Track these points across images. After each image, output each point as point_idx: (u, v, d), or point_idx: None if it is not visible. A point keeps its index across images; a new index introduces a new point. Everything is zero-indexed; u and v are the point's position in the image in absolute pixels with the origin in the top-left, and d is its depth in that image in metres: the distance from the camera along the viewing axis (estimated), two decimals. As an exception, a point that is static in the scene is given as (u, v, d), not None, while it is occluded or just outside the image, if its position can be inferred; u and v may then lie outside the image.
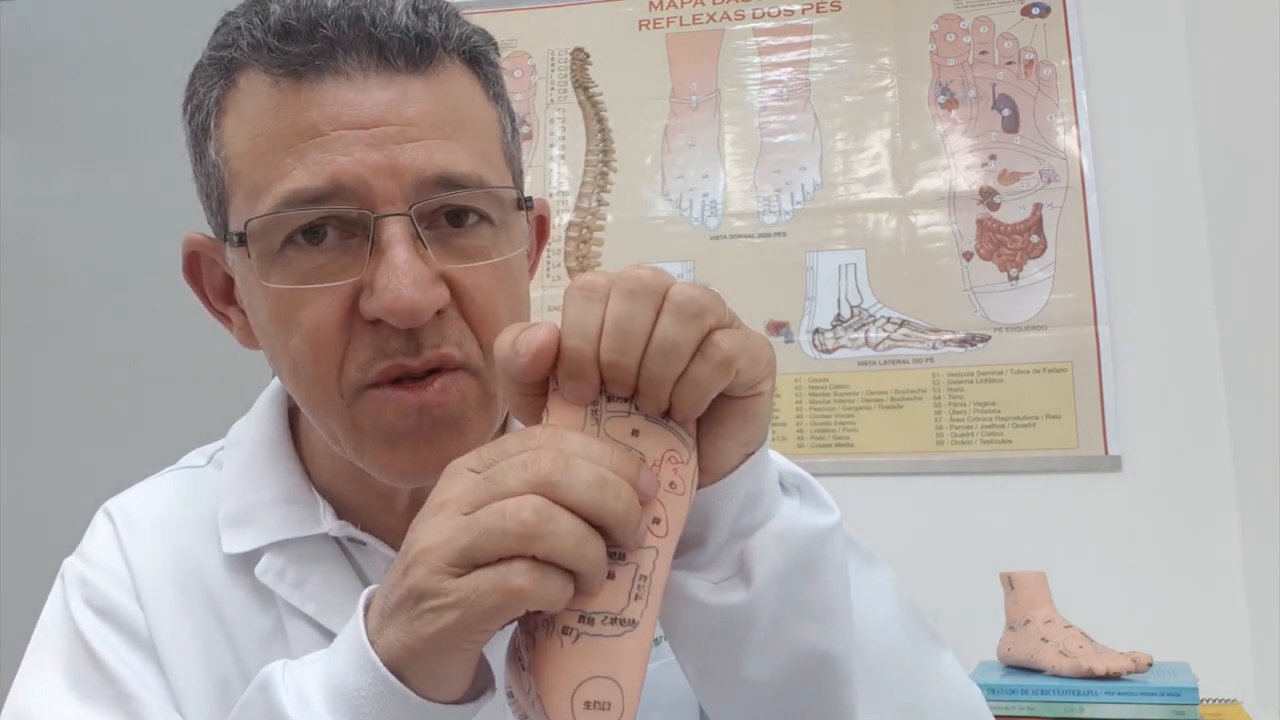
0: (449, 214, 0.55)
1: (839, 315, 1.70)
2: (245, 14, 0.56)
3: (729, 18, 1.85)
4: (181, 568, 0.61)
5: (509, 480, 0.41)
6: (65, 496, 1.93)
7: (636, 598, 0.43)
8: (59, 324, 2.02)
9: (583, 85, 1.87)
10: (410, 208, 0.53)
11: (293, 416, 0.67)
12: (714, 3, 1.86)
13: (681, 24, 1.87)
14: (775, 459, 0.51)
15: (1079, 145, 1.67)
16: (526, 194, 0.61)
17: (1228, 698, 1.35)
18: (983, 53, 1.74)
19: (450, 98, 0.56)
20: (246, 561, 0.60)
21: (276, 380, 0.66)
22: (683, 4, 1.87)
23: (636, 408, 0.44)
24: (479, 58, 0.59)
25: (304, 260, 0.53)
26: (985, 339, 1.65)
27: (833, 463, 1.66)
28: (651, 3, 1.89)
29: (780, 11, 1.83)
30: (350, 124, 0.52)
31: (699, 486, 0.47)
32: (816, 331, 1.70)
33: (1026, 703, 1.21)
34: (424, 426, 0.54)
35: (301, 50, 0.53)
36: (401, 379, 0.54)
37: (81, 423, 1.96)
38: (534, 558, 0.40)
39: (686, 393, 0.43)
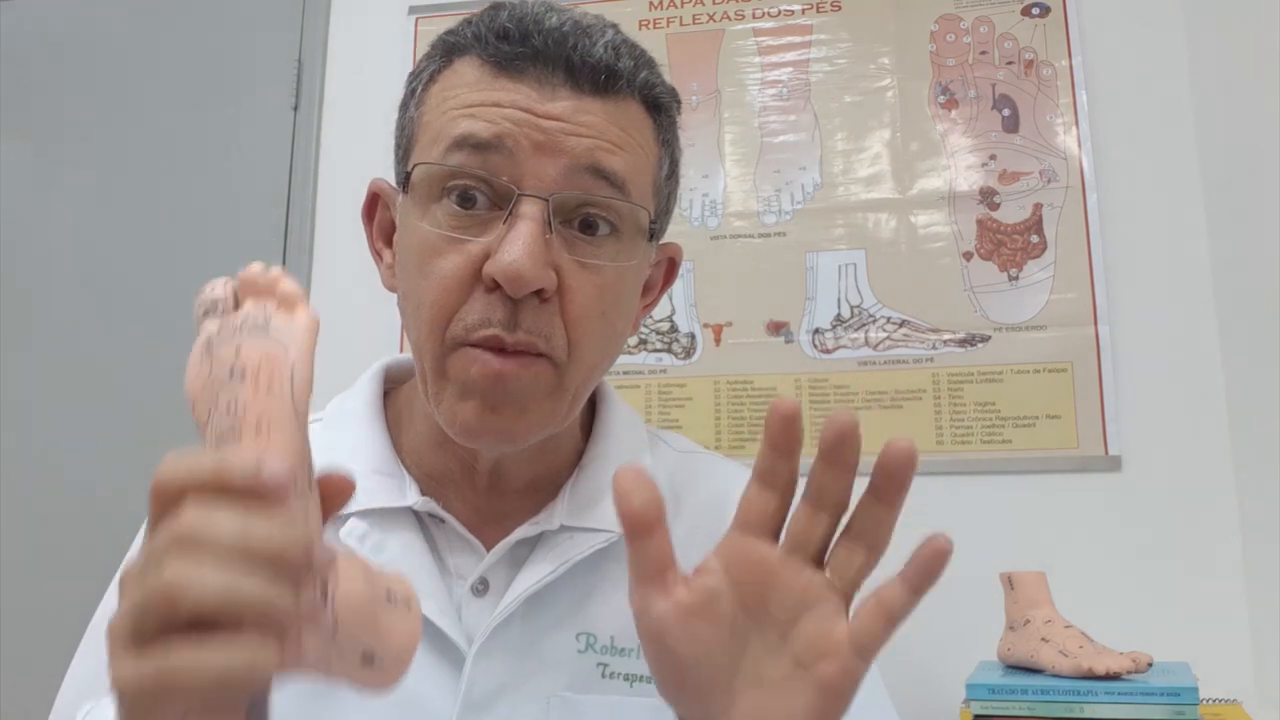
0: (583, 222, 0.62)
1: (839, 315, 1.70)
2: (479, 14, 0.65)
3: (729, 18, 1.85)
4: None
5: (157, 546, 0.37)
6: (65, 496, 1.93)
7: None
8: (59, 324, 2.02)
9: (583, 85, 1.87)
10: (551, 196, 0.60)
11: (386, 395, 0.73)
12: (714, 3, 1.86)
13: (681, 24, 1.87)
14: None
15: (1079, 145, 1.67)
16: (664, 237, 0.71)
17: (1228, 698, 1.35)
18: (983, 53, 1.74)
19: (622, 121, 0.63)
20: (333, 525, 0.64)
21: (377, 363, 0.74)
22: (683, 4, 1.87)
23: (239, 328, 0.44)
24: (659, 105, 0.66)
25: (453, 217, 0.61)
26: (985, 339, 1.65)
27: (833, 463, 1.66)
28: (651, 3, 1.89)
29: (780, 11, 1.83)
30: (529, 111, 0.60)
31: None
32: (816, 331, 1.70)
33: (1026, 703, 1.21)
34: (495, 391, 0.60)
35: (511, 50, 0.61)
36: (493, 348, 0.60)
37: (82, 423, 1.96)
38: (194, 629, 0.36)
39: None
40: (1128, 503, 1.55)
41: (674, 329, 1.75)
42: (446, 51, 0.65)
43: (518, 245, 0.58)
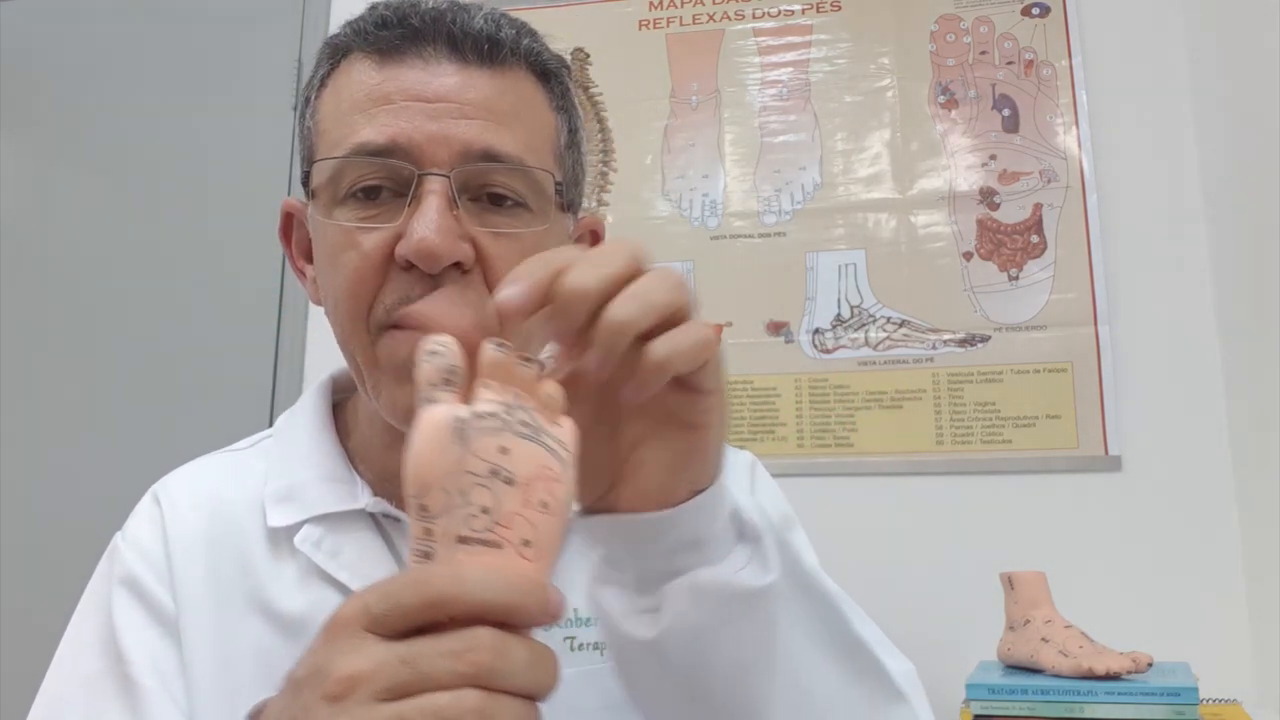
0: (491, 195, 0.61)
1: (839, 315, 1.70)
2: (358, 14, 0.65)
3: (729, 18, 1.85)
4: (222, 544, 0.66)
5: (439, 671, 0.37)
6: (65, 495, 1.93)
7: None
8: (59, 324, 2.02)
9: (583, 85, 1.87)
10: (452, 172, 0.59)
11: (336, 406, 0.73)
12: (714, 3, 1.86)
13: (681, 24, 1.87)
14: (742, 502, 0.50)
15: (1079, 145, 1.67)
16: (578, 206, 0.68)
17: (1228, 698, 1.35)
18: (983, 53, 1.74)
19: (511, 92, 0.63)
20: (288, 534, 0.65)
21: (323, 375, 0.74)
22: (683, 4, 1.87)
23: (507, 422, 0.41)
24: (548, 74, 0.67)
25: (359, 210, 0.61)
26: (985, 339, 1.65)
27: (833, 463, 1.66)
28: (651, 3, 1.89)
29: (780, 11, 1.83)
30: (417, 97, 0.60)
31: (648, 509, 0.46)
32: (816, 331, 1.70)
33: (1026, 703, 1.21)
34: None
35: (390, 35, 0.62)
36: (418, 325, 0.59)
37: (81, 422, 1.96)
38: None
39: (651, 357, 0.41)
40: (1128, 503, 1.55)
41: (674, 329, 1.75)
42: (333, 54, 0.66)
43: (425, 220, 0.57)
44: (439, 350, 0.42)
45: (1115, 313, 1.61)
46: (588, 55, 1.89)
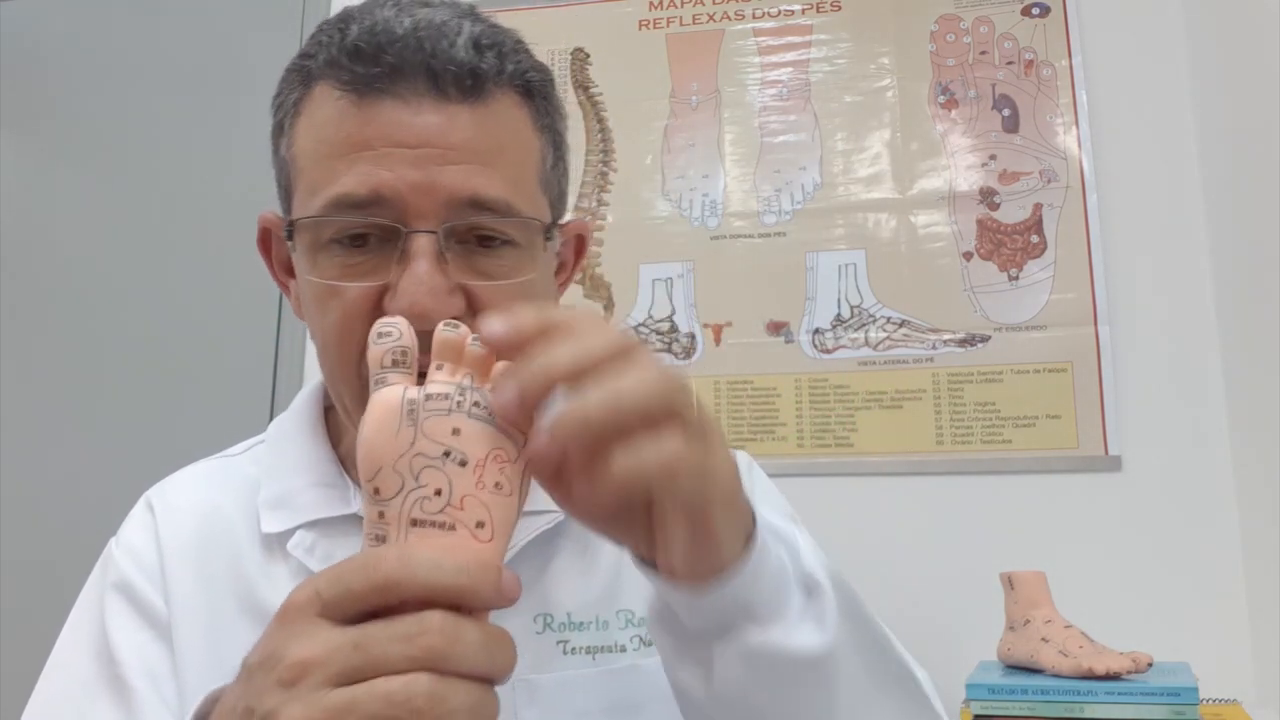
0: (479, 237, 0.60)
1: (839, 315, 1.70)
2: (329, 30, 0.62)
3: (729, 18, 1.85)
4: (215, 549, 0.66)
5: (390, 656, 0.37)
6: (64, 495, 1.93)
7: None
8: (59, 324, 2.02)
9: (583, 85, 1.88)
10: (441, 225, 0.58)
11: (328, 411, 0.73)
12: (714, 3, 1.86)
13: (681, 24, 1.87)
14: (804, 547, 0.48)
15: (1079, 145, 1.67)
16: (562, 219, 0.67)
17: (1228, 698, 1.35)
18: (983, 53, 1.74)
19: (494, 127, 0.60)
20: (280, 540, 0.65)
21: (313, 380, 0.74)
22: (683, 4, 1.87)
23: (459, 403, 0.41)
24: (532, 91, 0.64)
25: (344, 257, 0.60)
26: (985, 339, 1.65)
27: (833, 463, 1.66)
28: (651, 3, 1.89)
29: (780, 11, 1.83)
30: (399, 143, 0.58)
31: (679, 579, 0.44)
32: (816, 331, 1.70)
33: (1026, 703, 1.21)
34: None
35: (366, 71, 0.58)
36: None
37: (80, 424, 1.96)
38: None
39: (611, 470, 0.39)
40: (1128, 503, 1.55)
41: (674, 329, 1.75)
42: (305, 79, 0.63)
43: (416, 283, 0.56)
44: (389, 332, 0.42)
45: (1115, 313, 1.61)
46: (588, 55, 1.89)
